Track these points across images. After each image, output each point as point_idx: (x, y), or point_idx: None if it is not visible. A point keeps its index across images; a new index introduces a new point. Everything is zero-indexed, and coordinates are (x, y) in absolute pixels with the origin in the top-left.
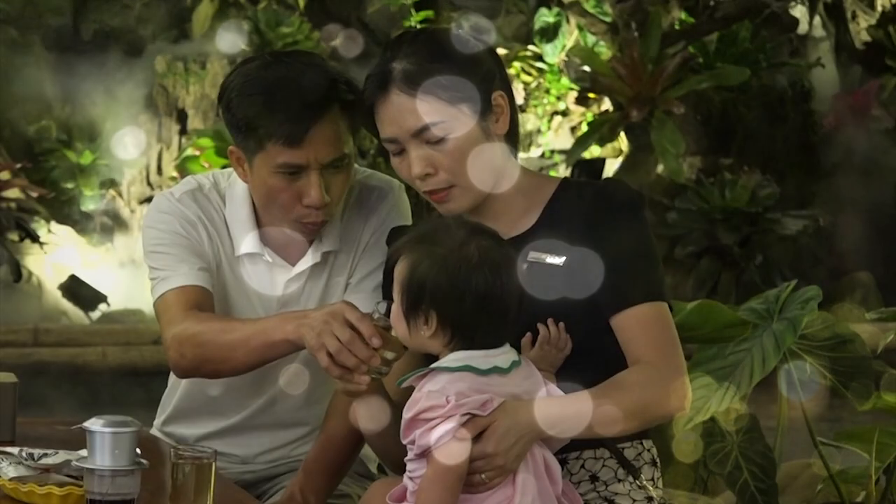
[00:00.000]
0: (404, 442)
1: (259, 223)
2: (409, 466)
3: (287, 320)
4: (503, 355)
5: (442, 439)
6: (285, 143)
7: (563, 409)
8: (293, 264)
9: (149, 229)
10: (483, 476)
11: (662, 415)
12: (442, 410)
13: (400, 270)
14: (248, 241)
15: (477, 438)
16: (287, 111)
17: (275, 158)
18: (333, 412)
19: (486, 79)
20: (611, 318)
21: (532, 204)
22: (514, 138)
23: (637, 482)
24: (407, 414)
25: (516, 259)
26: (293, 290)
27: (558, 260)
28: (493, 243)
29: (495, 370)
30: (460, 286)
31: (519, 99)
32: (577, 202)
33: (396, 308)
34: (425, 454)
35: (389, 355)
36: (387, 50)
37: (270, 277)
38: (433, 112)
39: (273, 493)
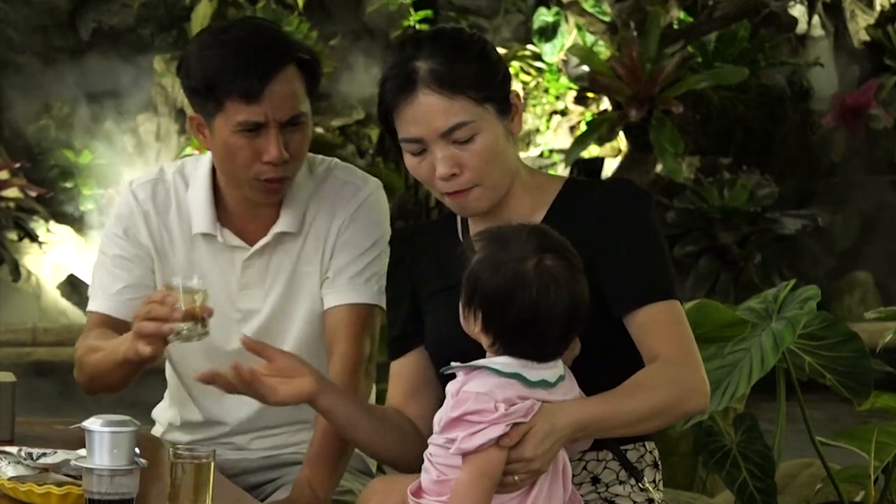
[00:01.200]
0: (441, 435)
1: (219, 205)
2: (432, 450)
3: (122, 339)
4: (552, 369)
5: (484, 446)
6: (243, 98)
7: (594, 411)
8: (252, 245)
9: (103, 234)
10: (516, 478)
11: (686, 412)
12: (489, 416)
13: (471, 261)
14: (202, 221)
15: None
16: (244, 67)
17: (234, 117)
18: None
19: (505, 78)
20: (625, 317)
21: (538, 203)
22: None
23: (639, 484)
24: (452, 413)
25: (580, 281)
26: (252, 273)
27: None
28: (556, 264)
29: (543, 383)
30: (504, 297)
31: None
32: (586, 201)
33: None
34: (462, 455)
35: (185, 325)
36: (404, 49)
37: (228, 258)
38: (463, 111)
39: (272, 489)
